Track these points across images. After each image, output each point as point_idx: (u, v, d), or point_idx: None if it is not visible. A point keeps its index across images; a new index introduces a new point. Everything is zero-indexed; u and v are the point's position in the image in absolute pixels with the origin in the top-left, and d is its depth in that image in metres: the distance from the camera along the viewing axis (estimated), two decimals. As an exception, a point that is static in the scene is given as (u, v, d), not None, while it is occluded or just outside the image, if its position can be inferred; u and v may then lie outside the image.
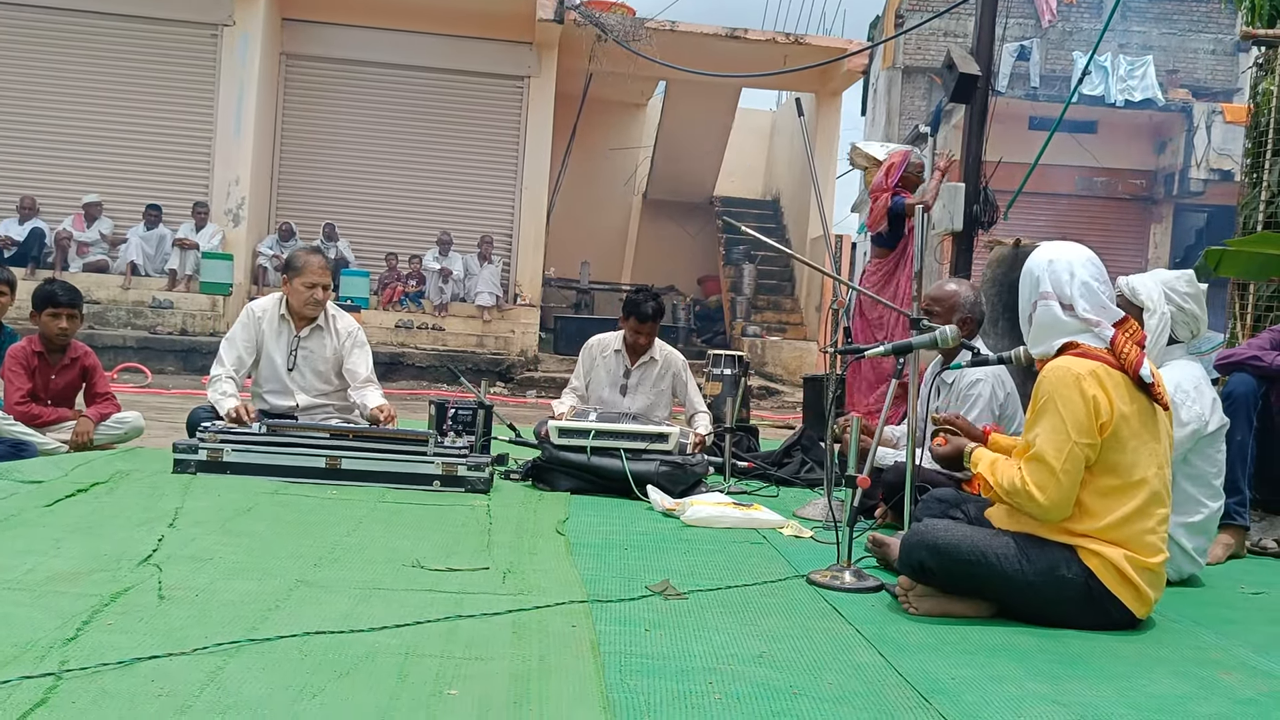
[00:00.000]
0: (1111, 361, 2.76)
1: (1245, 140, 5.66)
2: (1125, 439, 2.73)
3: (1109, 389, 2.72)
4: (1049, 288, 2.86)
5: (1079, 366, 2.73)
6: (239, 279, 12.92)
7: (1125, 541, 2.73)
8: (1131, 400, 2.75)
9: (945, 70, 7.61)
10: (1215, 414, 3.50)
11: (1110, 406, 2.70)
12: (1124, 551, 2.72)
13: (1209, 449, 3.50)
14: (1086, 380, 2.70)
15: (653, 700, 2.01)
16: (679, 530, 3.90)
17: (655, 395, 5.47)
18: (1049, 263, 2.88)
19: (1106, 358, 2.77)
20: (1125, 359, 2.76)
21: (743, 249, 16.65)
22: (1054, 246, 2.96)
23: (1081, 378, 2.71)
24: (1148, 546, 2.74)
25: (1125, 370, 2.76)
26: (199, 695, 1.87)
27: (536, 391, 11.98)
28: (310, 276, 4.88)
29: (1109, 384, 2.73)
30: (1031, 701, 2.16)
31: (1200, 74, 18.89)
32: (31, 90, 13.12)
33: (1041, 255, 2.93)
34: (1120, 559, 2.71)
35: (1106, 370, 2.74)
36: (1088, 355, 2.77)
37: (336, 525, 3.51)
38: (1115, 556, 2.71)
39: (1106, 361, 2.76)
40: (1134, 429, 2.74)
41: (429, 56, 14.09)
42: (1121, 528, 2.72)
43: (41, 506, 3.46)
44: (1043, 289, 2.86)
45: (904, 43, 18.58)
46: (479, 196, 14.42)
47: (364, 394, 4.91)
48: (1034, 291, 2.90)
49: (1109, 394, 2.71)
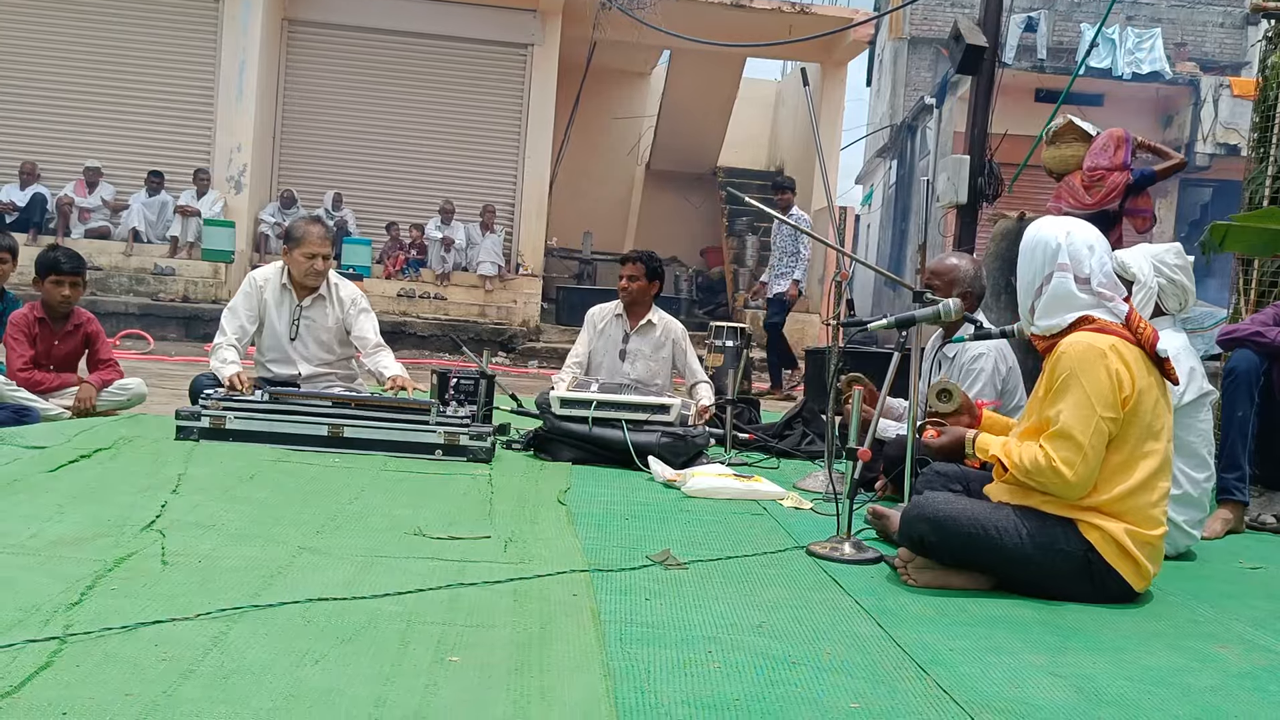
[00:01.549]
0: (1128, 336, 2.76)
1: (1253, 114, 5.62)
2: (1143, 414, 2.73)
3: (1129, 363, 2.72)
4: (1067, 260, 2.81)
5: (1100, 342, 2.71)
6: (241, 246, 12.90)
7: (1126, 515, 2.73)
8: (1149, 373, 2.76)
9: (952, 41, 7.57)
10: (1193, 384, 3.50)
11: (1132, 381, 2.70)
12: (1125, 525, 2.72)
13: (1189, 419, 3.49)
14: (1110, 356, 2.69)
15: (652, 668, 2.02)
16: (680, 501, 3.91)
17: (657, 363, 5.48)
18: (1067, 234, 2.84)
19: (1122, 332, 2.76)
20: (1142, 334, 2.76)
21: (746, 220, 16.59)
22: (1063, 220, 2.92)
23: (1105, 353, 2.70)
24: (1149, 520, 2.75)
25: (1142, 345, 2.76)
26: (202, 660, 1.89)
27: (538, 362, 11.99)
28: (310, 247, 4.87)
29: (1129, 358, 2.72)
30: (1029, 673, 2.18)
31: (1209, 47, 18.73)
32: (34, 55, 13.04)
33: (1056, 227, 2.88)
34: (1121, 533, 2.72)
35: (1125, 345, 2.74)
36: (1105, 330, 2.75)
37: (339, 493, 3.52)
38: (1116, 530, 2.72)
39: (1123, 336, 2.75)
40: (1150, 403, 2.74)
41: (432, 23, 13.99)
42: (1124, 501, 2.73)
43: (45, 472, 3.48)
44: (1060, 260, 2.81)
45: (910, 13, 18.41)
46: (481, 165, 14.37)
47: (378, 361, 4.90)
48: (1049, 263, 2.83)
49: (1130, 368, 2.71)
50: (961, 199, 7.65)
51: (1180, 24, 18.56)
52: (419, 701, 1.78)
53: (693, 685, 1.95)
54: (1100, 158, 6.02)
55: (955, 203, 7.71)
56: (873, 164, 23.02)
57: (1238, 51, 18.58)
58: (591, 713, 1.79)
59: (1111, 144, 6.03)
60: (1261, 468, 4.24)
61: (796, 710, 1.87)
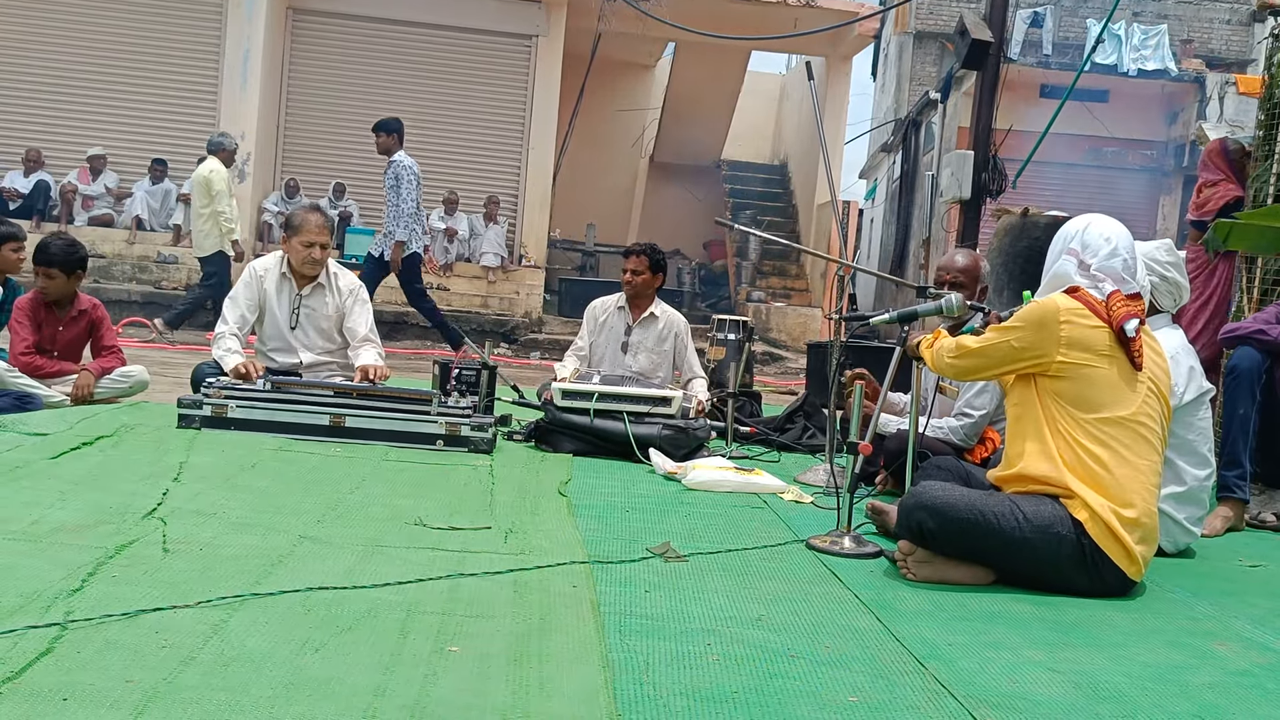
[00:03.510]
0: (1099, 311, 2.84)
1: (1258, 112, 5.60)
2: (1096, 382, 2.80)
3: (1081, 325, 2.82)
4: (1078, 246, 2.96)
5: (1061, 300, 2.87)
6: (244, 235, 12.86)
7: (1102, 487, 2.74)
8: (1109, 348, 2.82)
9: (958, 36, 7.56)
10: (1192, 383, 3.50)
11: (1080, 340, 2.80)
12: (1107, 502, 2.73)
13: (1189, 417, 3.49)
14: (1062, 311, 2.83)
15: (651, 660, 2.03)
16: (680, 493, 3.92)
17: (659, 356, 5.48)
18: (1088, 224, 3.01)
19: (1093, 303, 2.85)
20: (1113, 313, 2.84)
21: (749, 214, 16.59)
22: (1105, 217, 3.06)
23: (1059, 309, 2.84)
24: (1124, 499, 2.75)
25: (1110, 324, 2.83)
26: (203, 647, 1.89)
27: (540, 353, 11.99)
28: (308, 235, 4.88)
29: (1084, 323, 2.82)
30: (1027, 668, 2.18)
31: (1215, 44, 18.68)
32: (38, 42, 13.03)
33: (1086, 218, 3.05)
34: (1105, 510, 2.72)
35: (1089, 314, 2.83)
36: (1077, 296, 2.87)
37: (340, 482, 3.53)
38: (1100, 507, 2.72)
39: (1093, 309, 2.84)
40: (1107, 377, 2.80)
41: (437, 13, 13.96)
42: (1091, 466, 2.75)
43: (47, 459, 3.48)
44: (1072, 246, 2.97)
45: (916, 7, 18.38)
46: (485, 156, 14.34)
47: (358, 353, 4.91)
48: (1064, 249, 3.00)
49: (1080, 329, 2.81)
50: (965, 194, 7.65)
51: (1186, 20, 18.51)
52: (418, 691, 1.78)
53: (692, 677, 1.96)
54: (1216, 167, 5.98)
55: (959, 198, 7.71)
56: (877, 158, 22.98)
57: (1244, 48, 18.53)
58: (590, 704, 1.79)
59: (1220, 154, 6.01)
60: (1262, 465, 4.23)
61: (795, 703, 1.87)
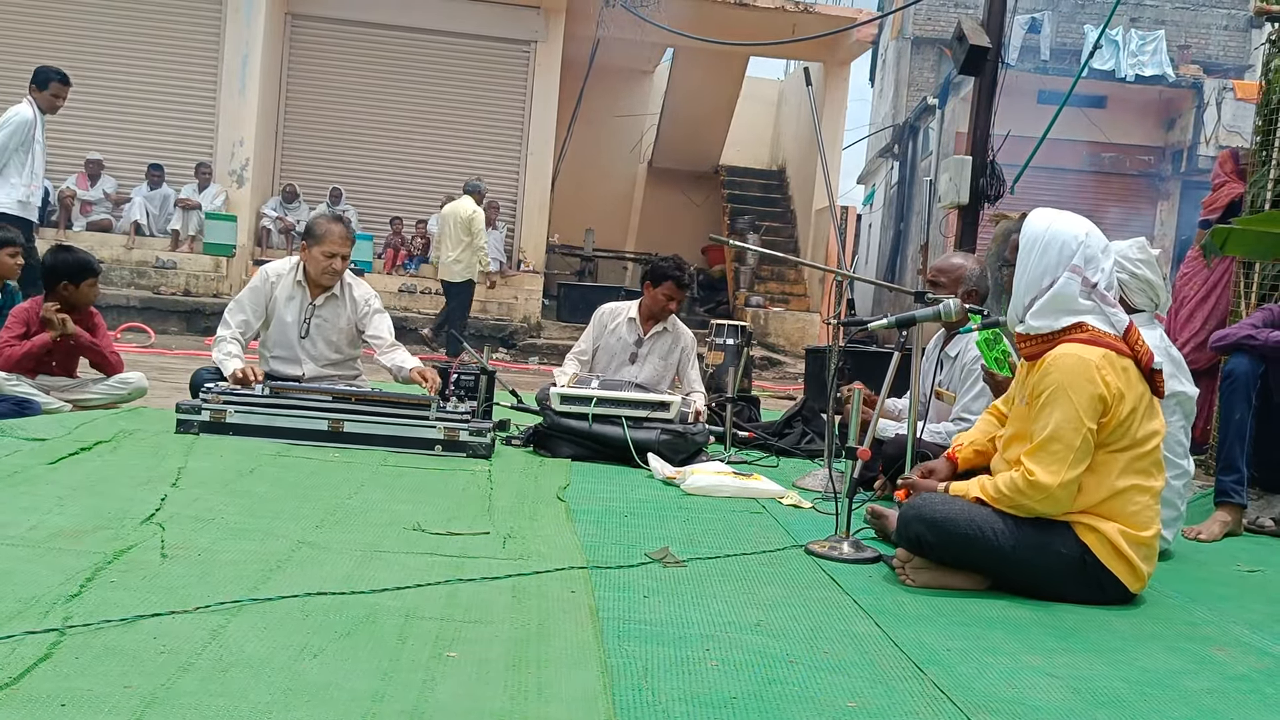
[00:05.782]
0: (1123, 349, 2.73)
1: (1255, 118, 5.62)
2: (1130, 422, 2.72)
3: (1119, 374, 2.70)
4: (1081, 262, 2.75)
5: (1090, 354, 2.69)
6: (242, 240, 12.90)
7: (1119, 516, 2.74)
8: (1139, 383, 2.75)
9: (955, 42, 7.56)
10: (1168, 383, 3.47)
11: (1121, 393, 2.69)
12: (1118, 525, 2.73)
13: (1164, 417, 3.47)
14: (1101, 368, 2.68)
15: (650, 665, 2.03)
16: (679, 498, 3.91)
17: (665, 368, 5.46)
18: (1086, 234, 2.78)
19: (1118, 345, 2.73)
20: (1139, 350, 2.75)
21: (747, 219, 16.58)
22: (1077, 217, 2.84)
23: (1095, 365, 2.67)
24: (1140, 521, 2.75)
25: (1138, 360, 2.74)
26: (201, 653, 1.89)
27: (539, 358, 11.98)
28: (330, 246, 4.85)
29: (1119, 368, 2.71)
30: (1025, 673, 2.18)
31: (1212, 50, 18.71)
32: (36, 47, 13.00)
33: (1074, 224, 2.80)
34: (1115, 533, 2.72)
35: (1117, 356, 2.72)
36: (1096, 341, 2.72)
37: (339, 488, 3.53)
38: (1110, 531, 2.72)
39: (1117, 349, 2.72)
40: (1139, 413, 2.73)
41: (436, 19, 13.98)
42: (1114, 503, 2.73)
43: (45, 464, 3.48)
44: (1075, 263, 2.75)
45: (914, 13, 18.40)
46: (484, 162, 14.35)
47: (394, 358, 4.90)
48: (1063, 264, 2.75)
49: (1120, 379, 2.69)
50: (963, 199, 7.65)
51: (1184, 26, 18.54)
52: (417, 696, 1.78)
53: (690, 683, 1.95)
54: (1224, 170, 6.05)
55: (957, 203, 7.71)
56: (875, 164, 23.01)
57: (1241, 54, 18.56)
58: (589, 709, 1.79)
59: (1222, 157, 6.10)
60: (1259, 470, 4.24)
61: (794, 708, 1.87)
